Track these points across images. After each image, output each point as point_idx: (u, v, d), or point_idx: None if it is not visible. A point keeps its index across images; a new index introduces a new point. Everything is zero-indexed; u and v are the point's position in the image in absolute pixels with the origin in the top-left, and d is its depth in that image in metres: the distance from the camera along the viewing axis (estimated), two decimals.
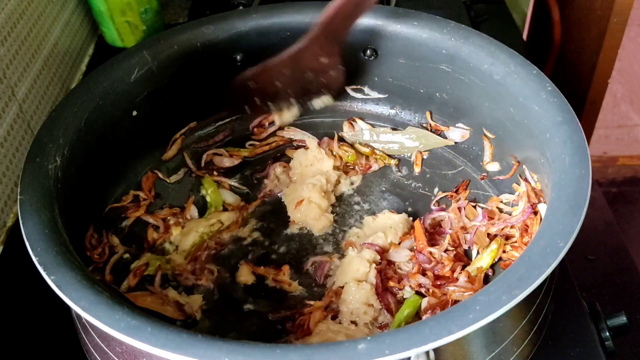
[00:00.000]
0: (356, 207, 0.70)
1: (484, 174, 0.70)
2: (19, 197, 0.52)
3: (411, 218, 0.66)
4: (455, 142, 0.73)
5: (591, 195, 0.49)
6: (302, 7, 0.73)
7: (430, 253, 0.61)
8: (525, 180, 0.63)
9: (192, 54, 0.70)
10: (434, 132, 0.74)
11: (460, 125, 0.72)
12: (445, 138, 0.73)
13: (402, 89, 0.75)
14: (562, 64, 1.29)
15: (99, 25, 0.94)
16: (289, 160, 0.74)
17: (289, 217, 0.68)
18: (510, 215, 0.64)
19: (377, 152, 0.74)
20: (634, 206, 1.63)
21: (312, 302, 0.59)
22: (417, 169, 0.73)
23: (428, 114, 0.75)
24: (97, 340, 0.50)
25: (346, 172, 0.73)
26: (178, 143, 0.74)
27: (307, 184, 0.68)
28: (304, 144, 0.74)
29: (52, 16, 0.82)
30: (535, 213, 0.60)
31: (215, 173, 0.73)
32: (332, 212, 0.69)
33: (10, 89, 0.69)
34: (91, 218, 0.64)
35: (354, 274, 0.59)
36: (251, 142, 0.76)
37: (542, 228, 0.48)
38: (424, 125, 0.75)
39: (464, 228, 0.64)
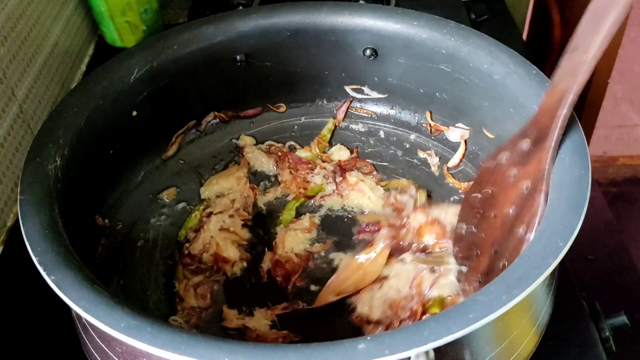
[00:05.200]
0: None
1: None
2: (19, 197, 0.52)
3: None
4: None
5: (591, 195, 0.49)
6: (302, 7, 0.72)
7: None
8: None
9: (192, 54, 0.70)
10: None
11: (460, 125, 0.72)
12: (446, 138, 0.74)
13: (402, 89, 0.75)
14: None
15: (99, 25, 0.94)
16: None
17: None
18: None
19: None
20: (634, 206, 1.63)
21: None
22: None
23: (428, 114, 0.75)
24: (97, 340, 0.50)
25: None
26: (178, 142, 0.74)
27: None
28: None
29: (52, 16, 0.82)
30: None
31: None
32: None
33: (10, 89, 0.69)
34: (91, 218, 0.64)
35: None
36: None
37: (541, 228, 0.48)
38: (424, 125, 0.75)
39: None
